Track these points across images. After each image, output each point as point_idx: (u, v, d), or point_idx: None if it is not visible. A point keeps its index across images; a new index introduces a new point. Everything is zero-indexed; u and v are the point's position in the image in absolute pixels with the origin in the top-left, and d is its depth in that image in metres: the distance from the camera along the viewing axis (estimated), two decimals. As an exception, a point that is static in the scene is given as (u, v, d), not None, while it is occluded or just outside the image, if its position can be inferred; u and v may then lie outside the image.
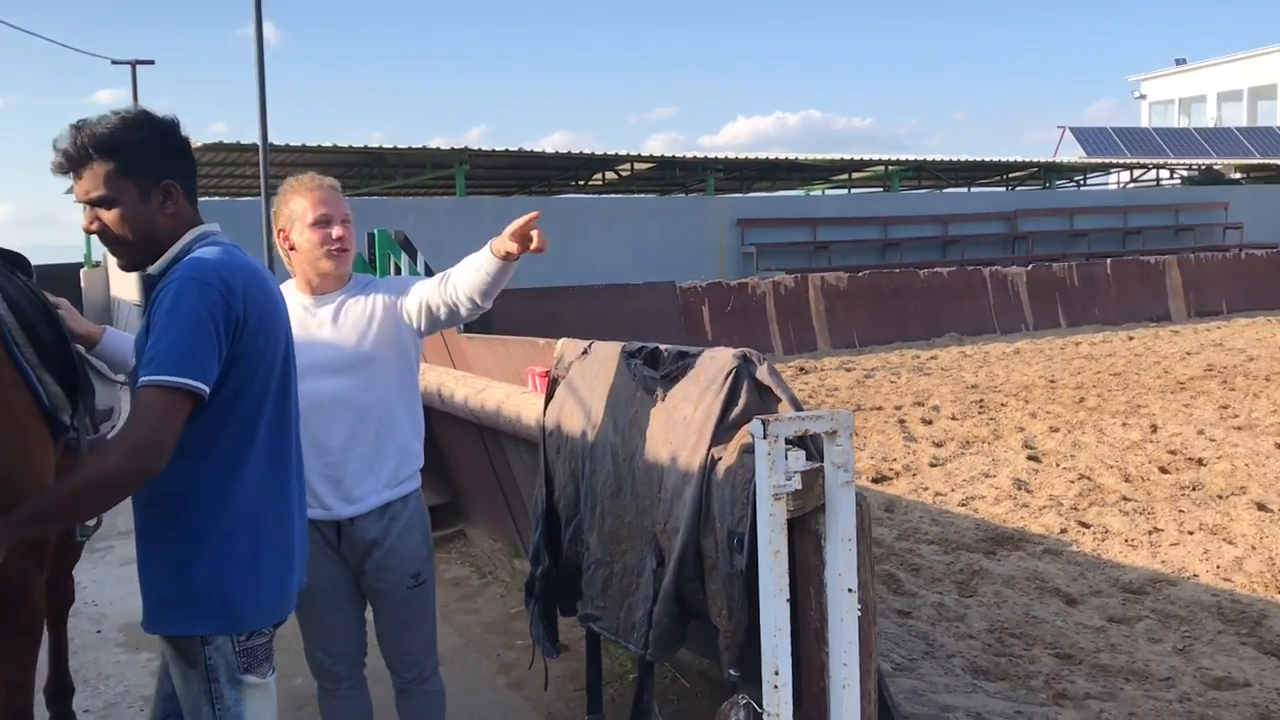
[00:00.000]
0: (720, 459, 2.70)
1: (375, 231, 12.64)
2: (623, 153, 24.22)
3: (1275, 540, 5.84)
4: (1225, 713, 3.85)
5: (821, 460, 2.49)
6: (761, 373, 2.73)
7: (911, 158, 28.12)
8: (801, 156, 26.06)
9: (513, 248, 2.77)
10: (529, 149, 23.15)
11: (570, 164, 25.28)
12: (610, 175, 27.08)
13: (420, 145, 21.64)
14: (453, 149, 22.01)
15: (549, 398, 3.69)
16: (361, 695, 3.20)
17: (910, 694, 3.94)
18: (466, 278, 2.88)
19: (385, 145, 21.51)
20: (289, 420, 2.36)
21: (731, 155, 25.96)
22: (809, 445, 2.52)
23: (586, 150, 23.86)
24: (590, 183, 28.39)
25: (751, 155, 25.93)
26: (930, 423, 9.88)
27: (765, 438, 2.32)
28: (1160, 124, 38.85)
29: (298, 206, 2.99)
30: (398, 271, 12.16)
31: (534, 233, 2.76)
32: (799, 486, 2.40)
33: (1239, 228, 28.68)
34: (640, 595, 3.00)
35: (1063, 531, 6.23)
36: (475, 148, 22.42)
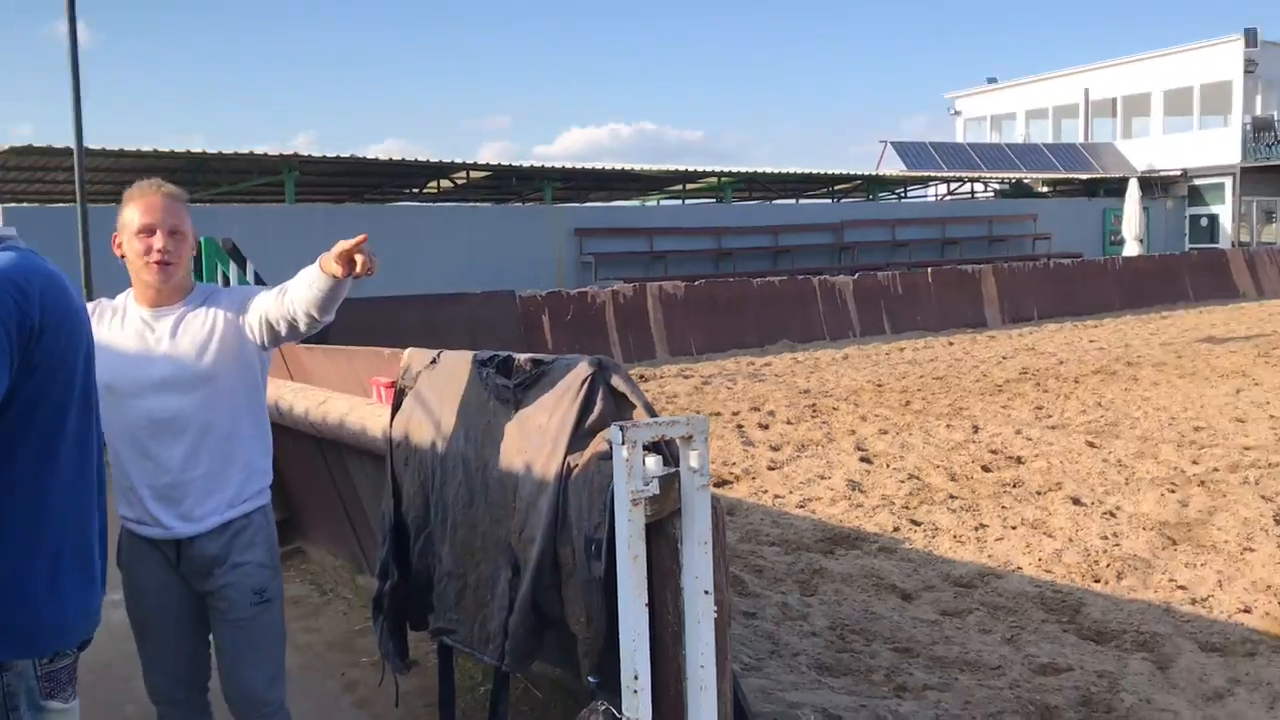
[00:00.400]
0: (577, 466, 2.70)
1: (201, 239, 12.18)
2: (458, 160, 23.95)
3: (1089, 533, 6.21)
4: (1051, 696, 4.07)
5: (677, 465, 2.52)
6: (617, 380, 2.75)
7: (742, 170, 28.76)
8: (637, 167, 26.34)
9: (338, 270, 2.68)
10: (361, 155, 22.65)
11: (404, 171, 24.85)
12: (445, 183, 26.76)
13: (247, 151, 20.92)
14: (281, 155, 21.37)
15: (395, 409, 3.62)
16: (205, 722, 3.07)
17: (760, 693, 4.02)
18: (301, 293, 2.78)
19: (209, 150, 20.72)
20: (91, 433, 2.25)
21: (568, 165, 26.03)
22: (664, 451, 2.55)
23: (421, 158, 23.48)
24: (425, 190, 27.99)
25: (588, 165, 26.06)
26: (767, 427, 10.12)
27: (624, 444, 2.34)
28: (974, 139, 40.86)
29: (129, 214, 2.86)
30: (226, 281, 11.74)
31: (358, 256, 2.66)
32: (656, 491, 2.43)
33: (1047, 238, 30.47)
34: (496, 606, 2.98)
35: (896, 530, 6.48)
36: (305, 154, 21.82)
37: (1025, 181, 34.62)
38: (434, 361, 3.44)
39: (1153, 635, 4.67)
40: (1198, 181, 35.12)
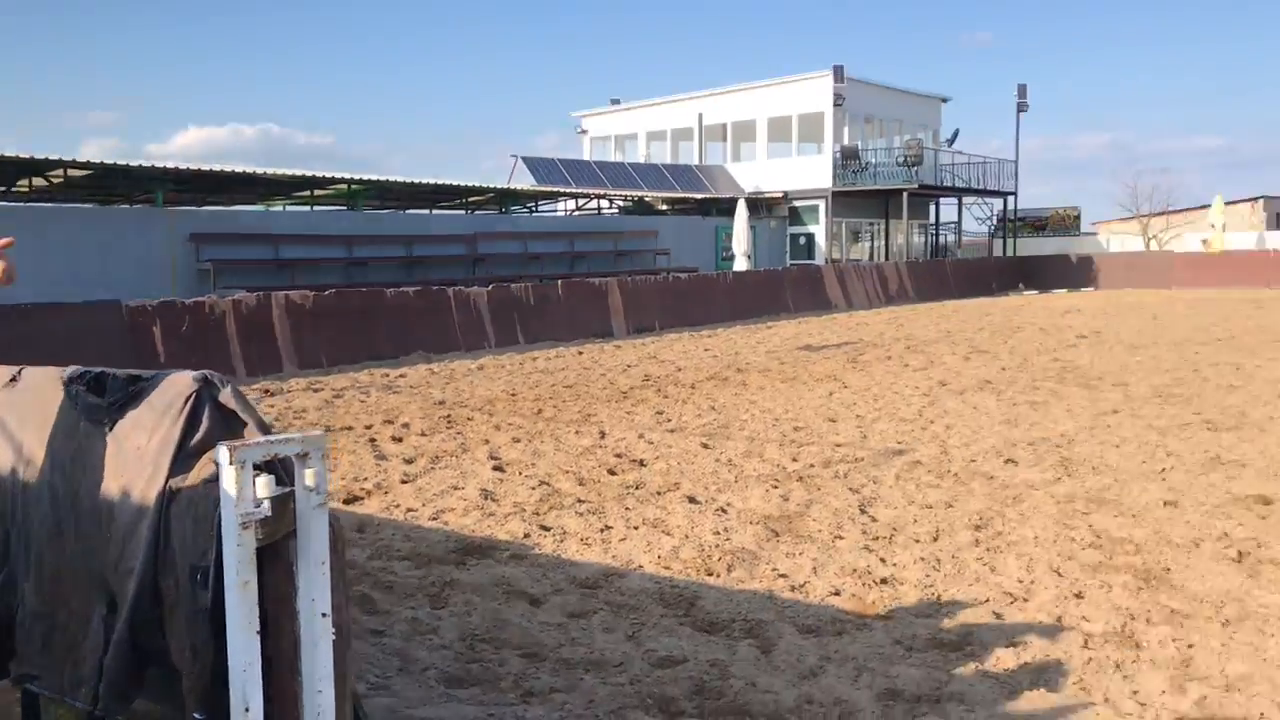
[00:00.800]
0: (181, 490, 2.54)
1: None
2: (53, 157, 21.75)
3: (704, 529, 6.62)
4: (669, 688, 4.30)
5: (292, 484, 2.43)
6: (225, 396, 2.60)
7: (375, 178, 28.22)
8: (261, 170, 25.11)
9: None
10: (-66, 148, 20.02)
11: (-12, 166, 22.25)
12: (39, 181, 24.23)
13: None
14: None
15: (-32, 433, 3.23)
16: None
17: (386, 712, 3.96)
18: None
19: None
20: None
21: (183, 165, 24.34)
22: (279, 470, 2.45)
23: (8, 153, 21.09)
24: (15, 190, 25.21)
25: (206, 166, 24.51)
26: (401, 440, 9.98)
27: (231, 464, 2.23)
28: (600, 157, 42.56)
29: None
30: None
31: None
32: (269, 513, 2.33)
33: (666, 253, 32.30)
34: (89, 645, 2.73)
35: (526, 536, 6.60)
36: None
37: (647, 199, 36.51)
38: (14, 379, 3.11)
39: (758, 622, 5.06)
40: (797, 203, 38.61)
